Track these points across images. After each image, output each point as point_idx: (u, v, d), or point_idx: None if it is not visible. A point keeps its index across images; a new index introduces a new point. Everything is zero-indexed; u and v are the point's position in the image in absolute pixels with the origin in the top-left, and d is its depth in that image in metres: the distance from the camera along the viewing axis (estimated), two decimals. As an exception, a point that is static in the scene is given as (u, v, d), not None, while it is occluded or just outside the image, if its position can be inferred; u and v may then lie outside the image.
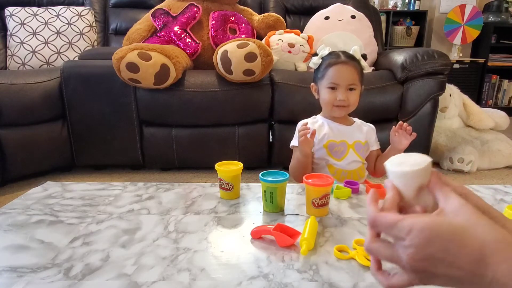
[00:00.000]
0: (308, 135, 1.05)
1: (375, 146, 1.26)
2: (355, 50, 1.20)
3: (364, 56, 1.22)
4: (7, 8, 2.36)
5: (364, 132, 1.23)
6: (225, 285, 0.58)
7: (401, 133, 1.12)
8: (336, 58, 1.17)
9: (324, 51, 1.20)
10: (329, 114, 1.22)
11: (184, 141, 1.96)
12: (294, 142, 1.21)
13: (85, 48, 2.38)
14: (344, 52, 1.19)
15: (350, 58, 1.17)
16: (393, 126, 1.14)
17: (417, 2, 3.77)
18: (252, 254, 0.67)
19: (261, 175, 0.83)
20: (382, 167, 1.18)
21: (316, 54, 1.23)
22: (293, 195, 0.92)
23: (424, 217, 0.38)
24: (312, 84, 1.26)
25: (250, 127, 1.97)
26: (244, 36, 2.17)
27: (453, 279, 0.35)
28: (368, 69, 1.17)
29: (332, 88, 1.16)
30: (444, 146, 2.21)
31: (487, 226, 0.35)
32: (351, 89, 1.16)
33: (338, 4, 2.36)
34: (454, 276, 0.35)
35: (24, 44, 2.30)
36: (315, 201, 0.80)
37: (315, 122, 1.24)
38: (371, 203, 0.42)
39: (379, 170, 1.25)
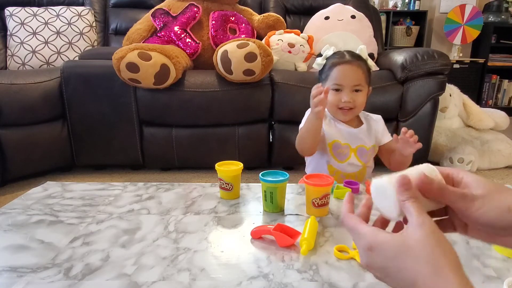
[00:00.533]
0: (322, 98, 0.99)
1: (386, 138, 1.18)
2: (362, 49, 1.15)
3: (371, 56, 1.17)
4: (7, 8, 2.36)
5: (372, 133, 1.17)
6: (225, 285, 0.58)
7: (404, 141, 1.02)
8: (340, 57, 1.12)
9: (328, 51, 1.16)
10: (334, 117, 1.17)
11: (184, 141, 1.96)
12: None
13: (85, 48, 2.38)
14: (349, 52, 1.14)
15: (355, 57, 1.12)
16: (395, 135, 1.06)
17: (417, 2, 3.77)
18: (252, 254, 0.67)
19: (261, 175, 0.83)
20: (396, 162, 1.11)
21: (320, 55, 1.18)
22: (293, 195, 0.92)
23: (376, 232, 0.39)
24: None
25: (250, 127, 1.97)
26: (244, 36, 2.17)
27: None
28: (375, 68, 1.13)
29: (337, 90, 1.10)
30: (444, 146, 2.21)
31: (427, 253, 0.35)
32: (357, 91, 1.10)
33: (338, 4, 2.37)
34: None
35: (24, 44, 2.30)
36: (315, 201, 0.80)
37: (325, 117, 1.16)
38: (346, 203, 0.44)
39: (394, 164, 1.15)
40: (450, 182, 0.42)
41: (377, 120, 1.21)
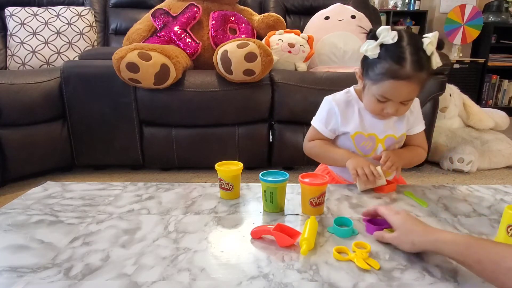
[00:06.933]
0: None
1: (417, 128, 1.04)
2: (430, 43, 0.88)
3: (441, 44, 0.92)
4: (7, 8, 2.36)
5: (404, 119, 1.01)
6: (225, 285, 0.58)
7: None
8: (400, 67, 0.85)
9: (387, 36, 0.86)
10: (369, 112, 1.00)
11: (184, 141, 1.96)
12: (315, 123, 1.05)
13: (85, 48, 2.38)
14: (414, 54, 0.85)
15: (419, 67, 0.86)
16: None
17: (417, 2, 3.77)
18: (252, 254, 0.67)
19: (261, 175, 0.83)
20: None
21: (374, 35, 0.89)
22: (293, 195, 0.92)
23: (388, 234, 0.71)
24: (358, 68, 0.97)
25: (250, 127, 1.97)
26: (244, 36, 2.17)
27: None
28: (437, 64, 0.90)
29: (382, 101, 0.92)
30: (444, 146, 2.21)
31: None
32: (405, 104, 0.93)
33: (338, 4, 2.37)
34: None
35: (24, 44, 2.30)
36: (313, 200, 0.80)
37: (348, 101, 1.01)
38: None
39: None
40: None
41: (414, 106, 1.04)
